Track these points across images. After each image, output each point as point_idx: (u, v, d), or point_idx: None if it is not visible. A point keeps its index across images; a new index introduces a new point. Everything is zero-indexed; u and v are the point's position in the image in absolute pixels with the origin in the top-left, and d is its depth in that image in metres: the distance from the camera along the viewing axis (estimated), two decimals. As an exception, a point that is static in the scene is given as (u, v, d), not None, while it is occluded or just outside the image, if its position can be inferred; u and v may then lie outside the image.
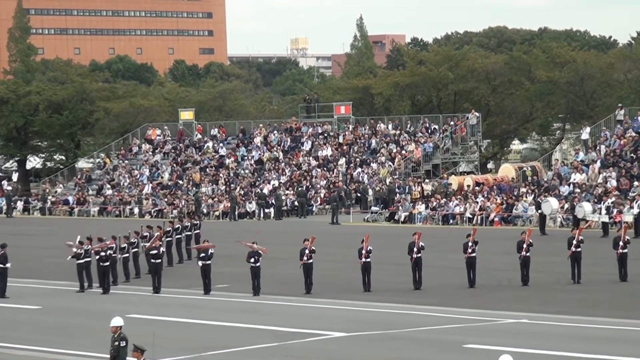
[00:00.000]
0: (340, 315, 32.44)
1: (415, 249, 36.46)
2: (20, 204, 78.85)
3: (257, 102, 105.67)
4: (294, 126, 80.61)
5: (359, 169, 72.39)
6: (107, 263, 38.49)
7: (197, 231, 47.65)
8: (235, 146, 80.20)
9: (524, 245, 36.56)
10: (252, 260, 36.18)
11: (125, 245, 41.03)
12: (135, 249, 42.08)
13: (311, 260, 36.56)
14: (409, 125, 76.21)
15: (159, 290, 37.97)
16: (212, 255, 37.37)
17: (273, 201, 68.46)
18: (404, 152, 72.75)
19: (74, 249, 38.79)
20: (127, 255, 41.10)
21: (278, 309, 33.88)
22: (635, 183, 56.02)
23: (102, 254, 38.27)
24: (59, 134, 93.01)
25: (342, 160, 74.11)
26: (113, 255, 39.24)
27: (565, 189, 57.92)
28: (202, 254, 37.26)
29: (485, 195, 60.37)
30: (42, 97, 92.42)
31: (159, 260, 38.52)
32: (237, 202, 69.08)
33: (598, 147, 61.62)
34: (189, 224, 48.07)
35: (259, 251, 36.31)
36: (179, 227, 47.06)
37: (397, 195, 64.33)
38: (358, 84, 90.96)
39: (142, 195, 74.43)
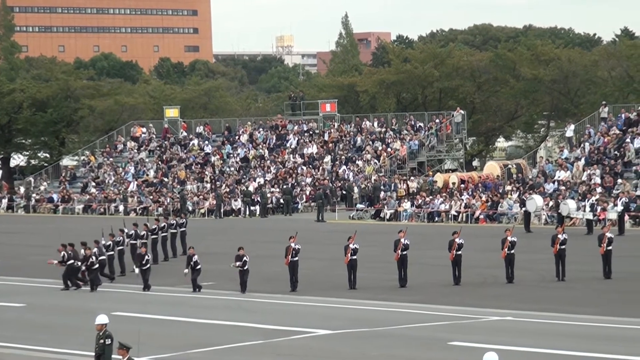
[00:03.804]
0: (326, 313, 32.46)
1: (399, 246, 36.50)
2: (4, 202, 78.62)
3: (243, 99, 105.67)
4: (280, 124, 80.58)
5: (345, 167, 72.40)
6: (96, 266, 38.47)
7: (183, 229, 47.60)
8: (221, 144, 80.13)
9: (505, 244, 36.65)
10: (239, 264, 36.01)
11: (111, 243, 40.99)
12: (121, 247, 42.08)
13: (296, 258, 36.57)
14: (394, 123, 76.29)
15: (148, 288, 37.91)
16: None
17: (258, 199, 68.43)
18: (389, 149, 72.80)
19: (56, 262, 38.76)
20: (112, 253, 41.05)
21: (264, 307, 33.85)
22: (619, 180, 56.21)
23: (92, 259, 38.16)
24: (43, 132, 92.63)
25: (328, 158, 74.12)
26: (101, 258, 39.22)
27: (549, 187, 58.08)
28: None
29: (471, 193, 60.47)
30: (26, 95, 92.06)
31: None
32: (223, 199, 69.01)
33: (582, 145, 61.80)
34: (175, 221, 48.01)
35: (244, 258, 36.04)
36: (164, 225, 47.01)
37: (383, 192, 64.37)
38: (343, 81, 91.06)
39: (127, 192, 74.28)
